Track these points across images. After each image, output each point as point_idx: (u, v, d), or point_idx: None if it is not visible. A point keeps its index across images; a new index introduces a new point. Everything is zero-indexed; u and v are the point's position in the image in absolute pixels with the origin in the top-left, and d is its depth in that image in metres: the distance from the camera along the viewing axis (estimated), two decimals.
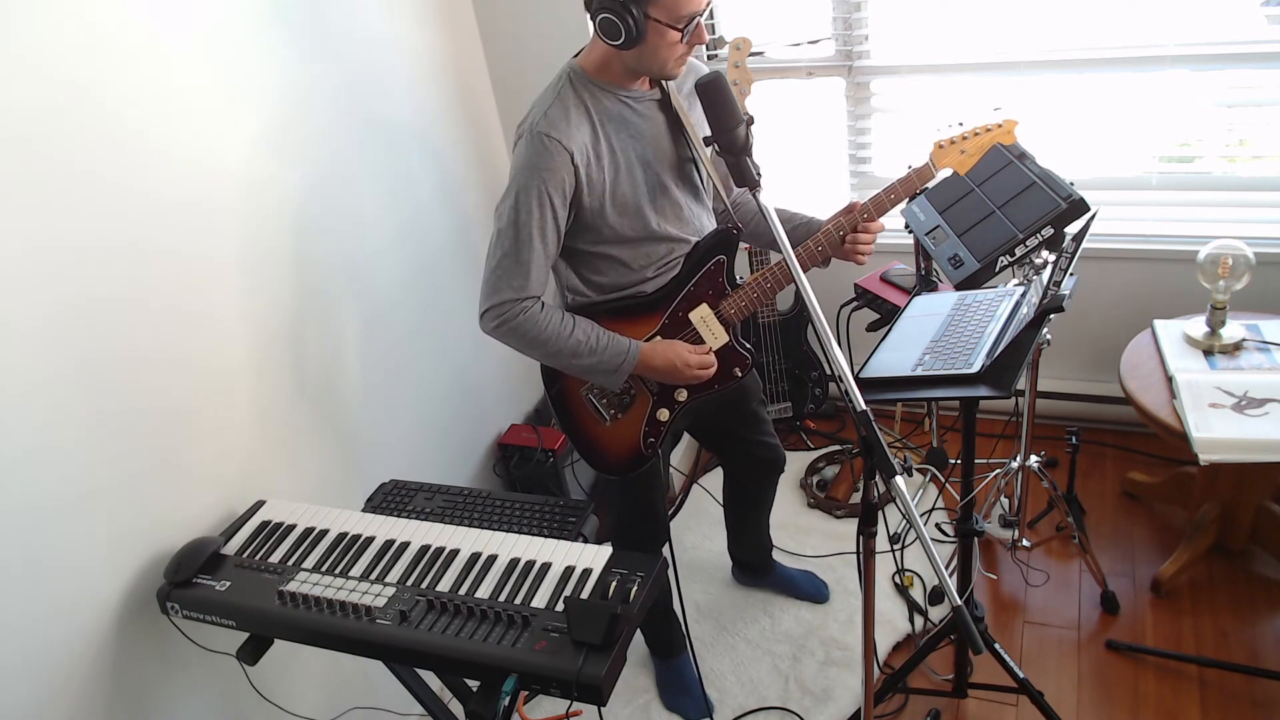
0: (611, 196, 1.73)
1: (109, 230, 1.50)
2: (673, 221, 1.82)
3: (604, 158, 1.70)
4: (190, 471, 1.68)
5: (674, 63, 1.65)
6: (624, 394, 1.88)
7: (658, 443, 1.91)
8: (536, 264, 1.70)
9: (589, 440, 1.93)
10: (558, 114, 1.66)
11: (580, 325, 1.76)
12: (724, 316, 1.86)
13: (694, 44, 1.64)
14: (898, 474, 1.31)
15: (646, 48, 1.61)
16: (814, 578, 2.59)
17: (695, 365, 1.81)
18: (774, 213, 1.44)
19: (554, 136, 1.64)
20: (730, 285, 1.87)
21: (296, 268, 1.92)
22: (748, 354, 1.91)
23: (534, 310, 1.72)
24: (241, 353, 1.78)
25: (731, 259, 1.86)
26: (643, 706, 2.36)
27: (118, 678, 1.55)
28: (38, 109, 1.38)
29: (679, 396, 1.89)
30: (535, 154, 1.64)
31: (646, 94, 1.75)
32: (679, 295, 1.85)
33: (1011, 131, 1.84)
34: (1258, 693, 2.15)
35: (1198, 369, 2.22)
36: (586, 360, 1.76)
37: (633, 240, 1.79)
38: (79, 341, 1.45)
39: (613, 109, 1.72)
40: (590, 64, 1.71)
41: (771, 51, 2.94)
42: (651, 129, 1.76)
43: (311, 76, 1.94)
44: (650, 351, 1.79)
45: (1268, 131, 2.64)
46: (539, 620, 1.38)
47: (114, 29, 1.50)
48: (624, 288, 1.84)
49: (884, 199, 1.80)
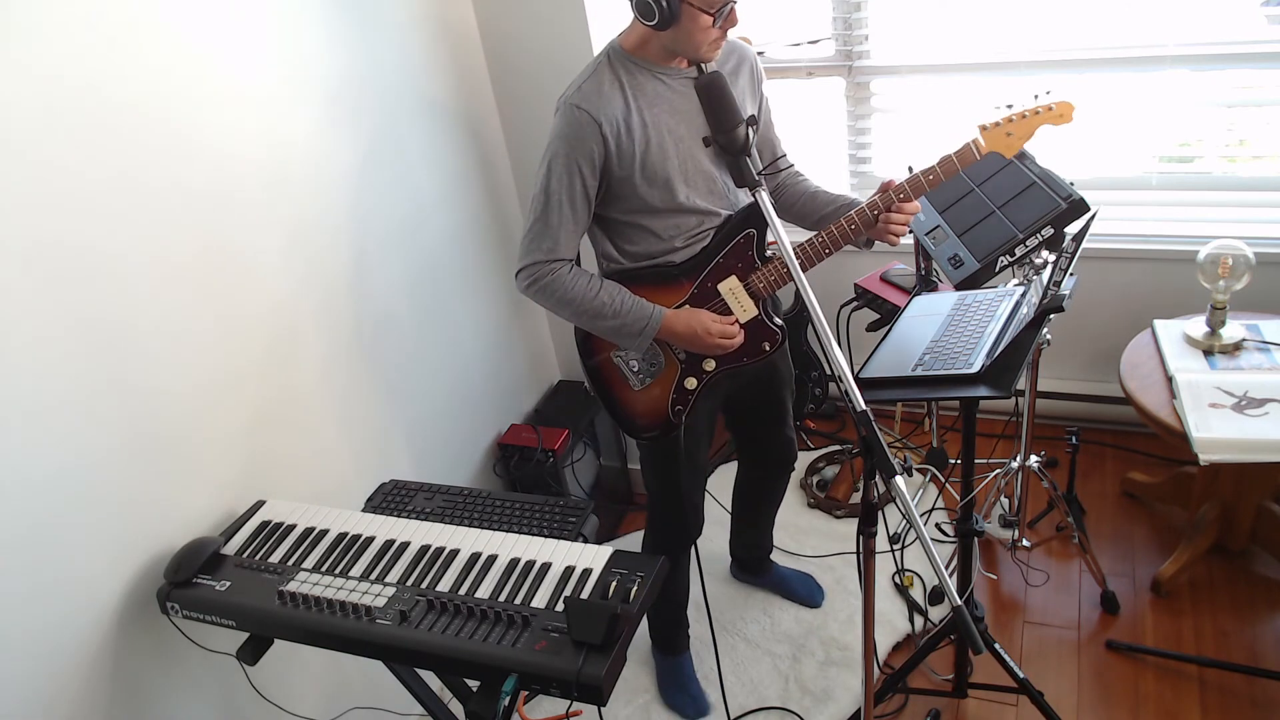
0: (641, 168, 1.78)
1: (110, 229, 1.50)
2: (703, 195, 1.85)
3: (635, 130, 1.76)
4: (190, 471, 1.68)
5: (708, 46, 1.69)
6: (653, 360, 1.93)
7: (685, 411, 1.94)
8: (565, 229, 1.78)
9: (619, 402, 1.99)
10: (591, 87, 1.74)
11: (607, 288, 1.83)
12: (753, 290, 1.88)
13: (727, 28, 1.68)
14: (898, 474, 1.31)
15: (681, 30, 1.66)
16: (810, 581, 2.59)
17: (717, 334, 1.84)
18: (773, 211, 1.44)
19: (584, 108, 1.72)
20: (760, 259, 1.88)
21: (297, 268, 1.92)
22: (779, 330, 1.92)
23: (563, 272, 1.80)
24: (242, 352, 1.78)
25: (762, 233, 1.87)
26: (643, 706, 2.36)
27: (118, 678, 1.55)
28: (48, 105, 1.38)
29: (707, 366, 1.92)
30: (566, 124, 1.73)
31: (684, 71, 1.80)
32: (708, 266, 1.88)
33: (1066, 116, 1.75)
34: (1258, 693, 2.15)
35: (1198, 369, 2.22)
36: (610, 322, 1.83)
37: (662, 211, 1.84)
38: (80, 341, 1.45)
39: (647, 85, 1.77)
40: (629, 43, 1.78)
41: (771, 51, 2.94)
42: (687, 105, 1.79)
43: (314, 75, 1.94)
44: (674, 318, 1.84)
45: (1268, 131, 2.64)
46: (539, 620, 1.38)
47: (128, 24, 1.51)
48: (654, 256, 1.88)
49: (921, 180, 1.78)
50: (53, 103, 1.40)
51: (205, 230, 1.69)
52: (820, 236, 1.82)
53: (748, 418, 2.27)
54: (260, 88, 1.81)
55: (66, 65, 1.42)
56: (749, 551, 2.59)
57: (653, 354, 1.92)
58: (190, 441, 1.68)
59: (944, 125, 2.86)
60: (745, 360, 1.91)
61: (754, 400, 2.19)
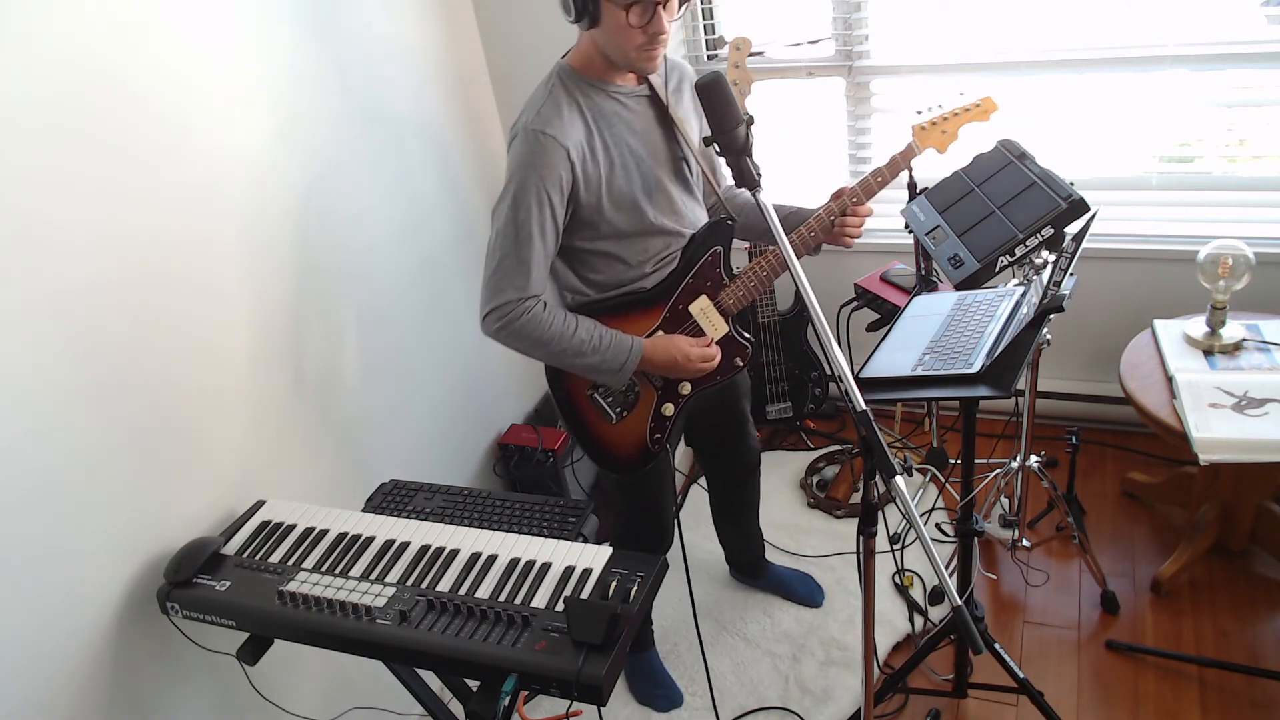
0: (608, 191, 1.74)
1: (110, 230, 1.50)
2: (668, 215, 1.84)
3: (599, 153, 1.72)
4: (190, 471, 1.68)
5: (635, 51, 1.65)
6: (629, 391, 1.89)
7: (664, 438, 1.92)
8: (538, 263, 1.70)
9: (597, 440, 1.93)
10: (551, 111, 1.68)
11: (583, 324, 1.77)
12: (723, 307, 1.87)
13: (653, 33, 1.63)
14: (898, 474, 1.31)
15: (604, 31, 1.63)
16: (809, 581, 2.59)
17: (698, 359, 1.82)
18: (773, 211, 1.44)
19: (549, 133, 1.65)
20: (728, 276, 1.88)
21: (297, 267, 1.92)
22: (747, 343, 1.92)
23: (537, 310, 1.72)
24: (242, 352, 1.78)
25: (728, 250, 1.88)
26: (642, 706, 2.36)
27: (118, 678, 1.55)
28: (60, 92, 1.38)
29: (683, 390, 1.90)
30: (531, 152, 1.65)
31: (635, 89, 1.78)
32: (678, 288, 1.86)
33: (989, 112, 1.91)
34: (1258, 693, 2.15)
35: (1198, 369, 2.22)
36: (590, 359, 1.76)
37: (630, 235, 1.80)
38: (80, 343, 1.45)
39: (604, 105, 1.74)
40: (577, 61, 1.74)
41: (771, 51, 2.94)
42: (643, 124, 1.78)
43: (317, 74, 1.94)
44: (653, 348, 1.80)
45: (1268, 131, 2.64)
46: (539, 620, 1.38)
47: (135, 20, 1.51)
48: (623, 284, 1.85)
49: (871, 182, 1.86)
50: (50, 100, 1.40)
51: (204, 230, 1.69)
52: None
53: (711, 434, 2.26)
54: (260, 88, 1.81)
55: (61, 62, 1.42)
56: (742, 554, 2.59)
57: (629, 385, 1.88)
58: (190, 441, 1.68)
59: None
60: (719, 378, 1.91)
61: (716, 416, 2.18)
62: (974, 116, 1.92)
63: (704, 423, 2.20)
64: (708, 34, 3.01)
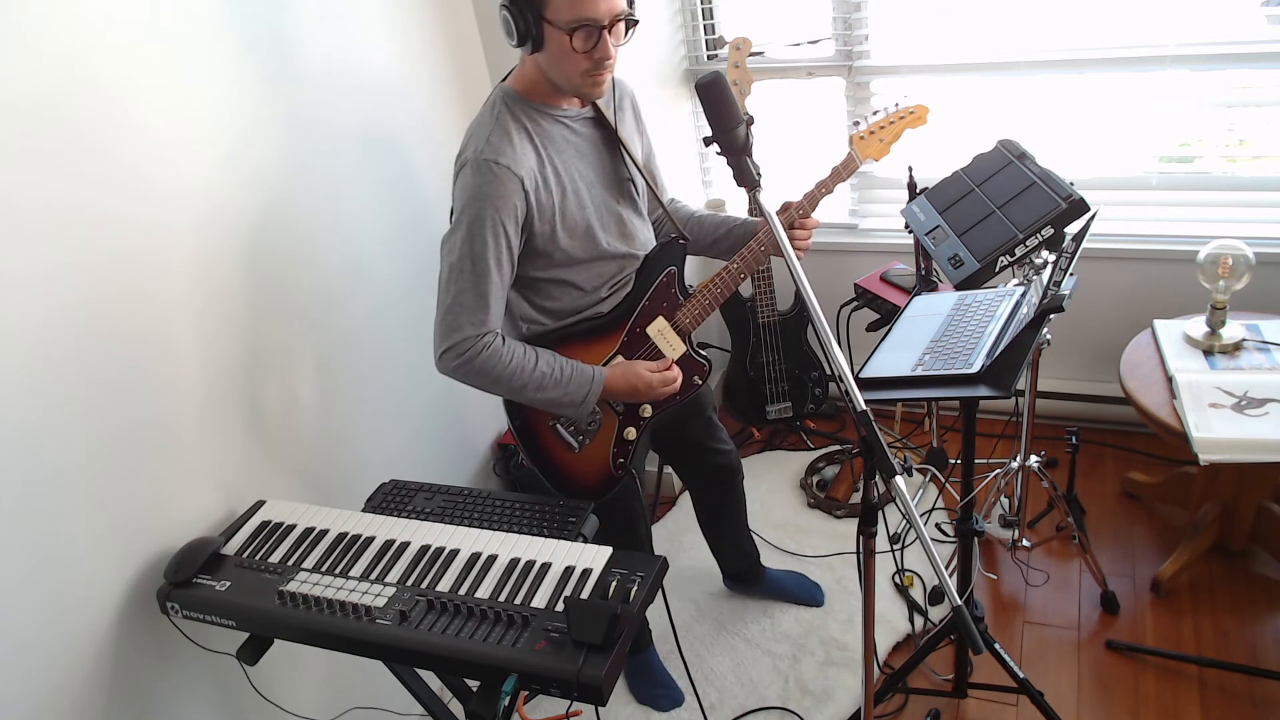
0: (561, 219, 1.72)
1: (111, 230, 1.50)
2: (620, 238, 1.83)
3: (551, 181, 1.69)
4: (190, 471, 1.68)
5: (580, 77, 1.62)
6: (590, 419, 1.88)
7: (628, 462, 1.92)
8: (495, 296, 1.66)
9: (559, 469, 1.91)
10: (501, 139, 1.63)
11: (543, 357, 1.74)
12: (680, 327, 1.88)
13: (598, 58, 1.59)
14: (898, 474, 1.31)
15: (548, 56, 1.61)
16: (805, 581, 2.58)
17: (659, 383, 1.82)
18: (774, 214, 1.44)
19: (502, 163, 1.61)
20: (683, 295, 1.89)
21: (298, 266, 1.92)
22: (705, 361, 1.93)
23: (496, 345, 1.68)
24: (242, 352, 1.78)
25: (681, 269, 1.89)
26: (643, 706, 2.36)
27: (118, 678, 1.55)
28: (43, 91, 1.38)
29: (644, 413, 1.90)
30: (485, 182, 1.61)
31: (580, 112, 1.76)
32: (635, 311, 1.86)
33: (923, 116, 2.00)
34: (1258, 693, 2.15)
35: (1198, 369, 2.22)
36: (552, 393, 1.73)
37: (584, 261, 1.79)
38: (80, 342, 1.45)
39: (551, 130, 1.71)
40: (520, 84, 1.71)
41: (771, 51, 2.94)
42: (590, 147, 1.77)
43: (319, 71, 1.94)
44: (614, 376, 1.79)
45: (1268, 131, 2.64)
46: (539, 620, 1.38)
47: (119, 20, 1.50)
48: (579, 310, 1.83)
49: (816, 193, 1.89)
50: (40, 99, 1.40)
51: (204, 228, 1.69)
52: (735, 263, 1.87)
53: (679, 443, 2.23)
54: (260, 87, 1.81)
55: (57, 61, 1.42)
56: (735, 563, 2.55)
57: (591, 413, 1.87)
58: (190, 441, 1.68)
59: (944, 125, 2.86)
60: (679, 399, 1.91)
61: (681, 427, 2.17)
62: (909, 123, 1.99)
63: (673, 436, 2.17)
64: (708, 34, 3.01)
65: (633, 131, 1.89)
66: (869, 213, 3.08)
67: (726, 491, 2.37)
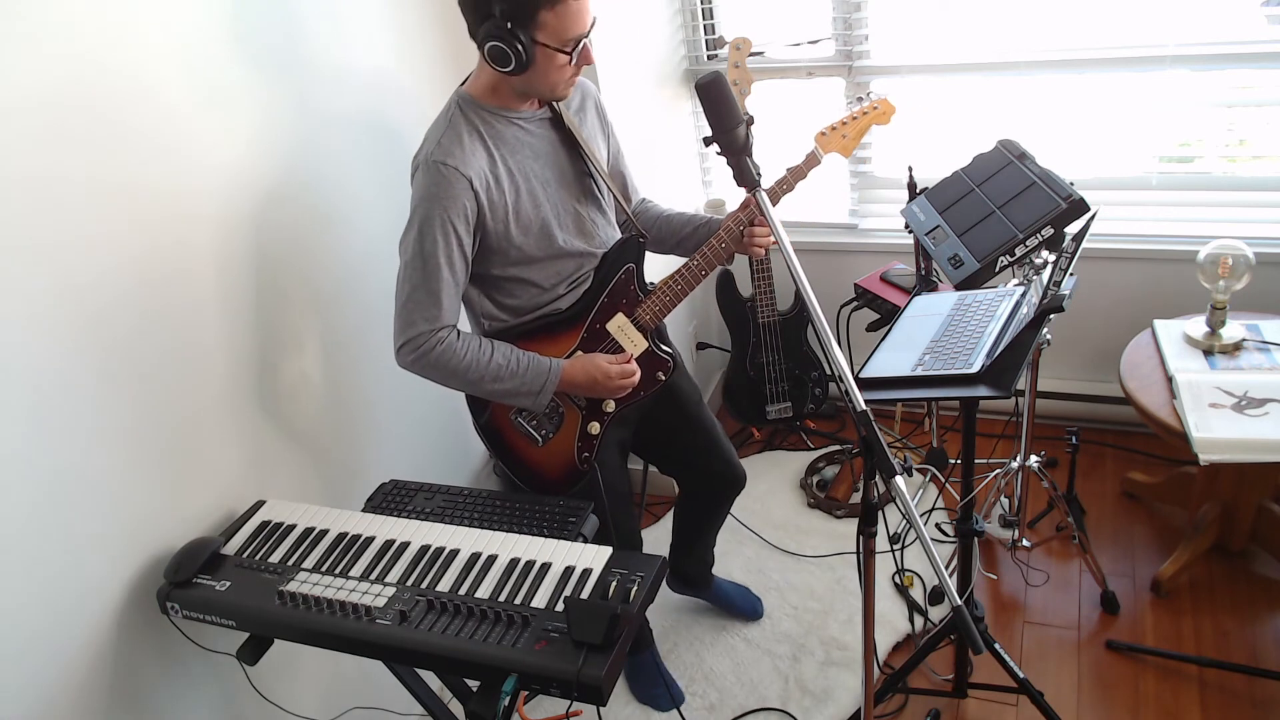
0: (515, 218, 1.74)
1: (111, 232, 1.50)
2: (578, 236, 1.84)
3: (503, 180, 1.72)
4: (190, 471, 1.68)
5: (564, 85, 1.69)
6: (552, 413, 1.89)
7: (592, 456, 1.93)
8: (447, 293, 1.70)
9: (525, 463, 1.93)
10: (451, 142, 1.67)
11: (499, 349, 1.77)
12: (640, 323, 1.89)
13: (582, 65, 1.67)
14: (898, 474, 1.31)
15: (536, 72, 1.63)
16: (749, 594, 2.57)
17: (616, 375, 1.83)
18: (773, 211, 1.44)
19: (450, 164, 1.65)
20: (642, 291, 1.90)
21: (298, 266, 1.92)
22: (669, 357, 1.94)
23: (450, 339, 1.72)
24: (242, 352, 1.78)
25: (640, 266, 1.90)
26: (643, 706, 2.36)
27: (118, 678, 1.55)
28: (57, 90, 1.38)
29: (606, 408, 1.91)
30: (434, 183, 1.65)
31: (537, 113, 1.78)
32: (593, 308, 1.87)
33: (888, 113, 2.01)
34: (1258, 693, 2.15)
35: (1198, 369, 2.22)
36: (508, 384, 1.76)
37: (541, 259, 1.81)
38: (80, 343, 1.45)
39: (505, 132, 1.74)
40: (478, 90, 1.73)
41: (771, 51, 2.94)
42: (547, 147, 1.79)
43: (322, 71, 1.94)
44: (571, 368, 1.81)
45: (1268, 131, 2.64)
46: (539, 620, 1.38)
47: (130, 16, 1.51)
48: (538, 308, 1.85)
49: (776, 190, 1.91)
50: (49, 97, 1.40)
51: (204, 230, 1.69)
52: (696, 260, 1.87)
53: (671, 443, 2.19)
54: (259, 88, 1.81)
55: (62, 61, 1.42)
56: (694, 566, 2.51)
57: (552, 407, 1.88)
58: (190, 441, 1.68)
59: (944, 125, 2.86)
60: (642, 394, 1.91)
61: (668, 425, 2.13)
62: (873, 119, 2.01)
63: (653, 430, 2.13)
64: (708, 34, 3.01)
65: (595, 132, 1.91)
66: (869, 213, 3.08)
67: (724, 502, 2.36)
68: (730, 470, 2.25)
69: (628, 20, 2.59)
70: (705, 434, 2.19)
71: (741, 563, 2.72)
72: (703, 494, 2.33)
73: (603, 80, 2.39)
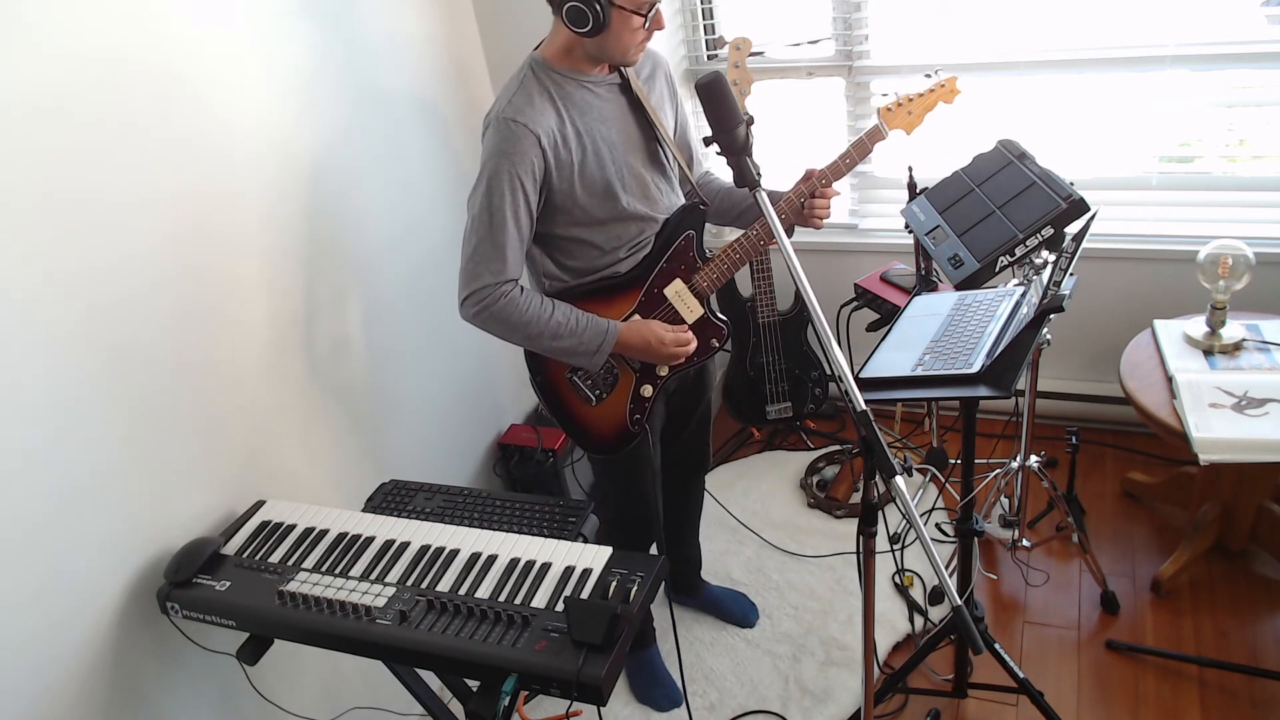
0: (580, 177, 1.77)
1: (112, 231, 1.50)
2: (641, 200, 1.86)
3: (570, 140, 1.74)
4: (190, 471, 1.68)
5: (635, 49, 1.73)
6: (607, 374, 1.92)
7: (644, 419, 1.94)
8: (512, 247, 1.73)
9: (578, 421, 1.96)
10: (522, 100, 1.71)
11: (560, 308, 1.80)
12: (697, 290, 1.90)
13: (654, 29, 1.71)
14: (898, 474, 1.31)
15: (611, 34, 1.67)
16: (744, 600, 2.56)
17: (672, 343, 1.85)
18: (772, 210, 1.44)
19: (520, 121, 1.68)
20: (701, 259, 1.91)
21: (298, 269, 1.92)
22: (723, 324, 1.95)
23: (514, 294, 1.75)
24: (241, 353, 1.78)
25: (700, 233, 1.91)
26: (643, 706, 2.36)
27: (118, 677, 1.56)
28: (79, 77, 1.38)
29: (660, 372, 1.93)
30: (503, 139, 1.69)
31: (607, 78, 1.80)
32: (652, 273, 1.89)
33: (954, 94, 1.97)
34: (1258, 693, 2.15)
35: (1198, 369, 2.22)
36: (567, 342, 1.79)
37: (604, 221, 1.83)
38: (81, 342, 1.45)
39: (576, 94, 1.76)
40: (551, 54, 1.76)
41: (771, 51, 2.94)
42: (616, 111, 1.81)
43: (324, 71, 1.94)
44: (628, 331, 1.83)
45: (1268, 131, 2.64)
46: (539, 620, 1.38)
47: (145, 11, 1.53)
48: (598, 270, 1.87)
49: (840, 164, 1.91)
50: (65, 91, 1.40)
51: (205, 230, 1.69)
52: (754, 230, 1.88)
53: (677, 419, 2.20)
54: (260, 87, 1.81)
55: (84, 48, 1.42)
56: (676, 566, 2.50)
57: (607, 368, 1.91)
58: (190, 442, 1.68)
59: (944, 125, 2.86)
60: (696, 359, 1.93)
61: (686, 400, 2.16)
62: (939, 97, 1.97)
63: (677, 402, 2.15)
64: (708, 34, 3.01)
65: (664, 100, 1.92)
66: (869, 213, 3.08)
67: (691, 482, 2.36)
68: (703, 453, 2.31)
69: None
70: (704, 414, 2.24)
71: (741, 563, 2.72)
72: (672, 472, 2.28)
73: None
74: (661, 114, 1.89)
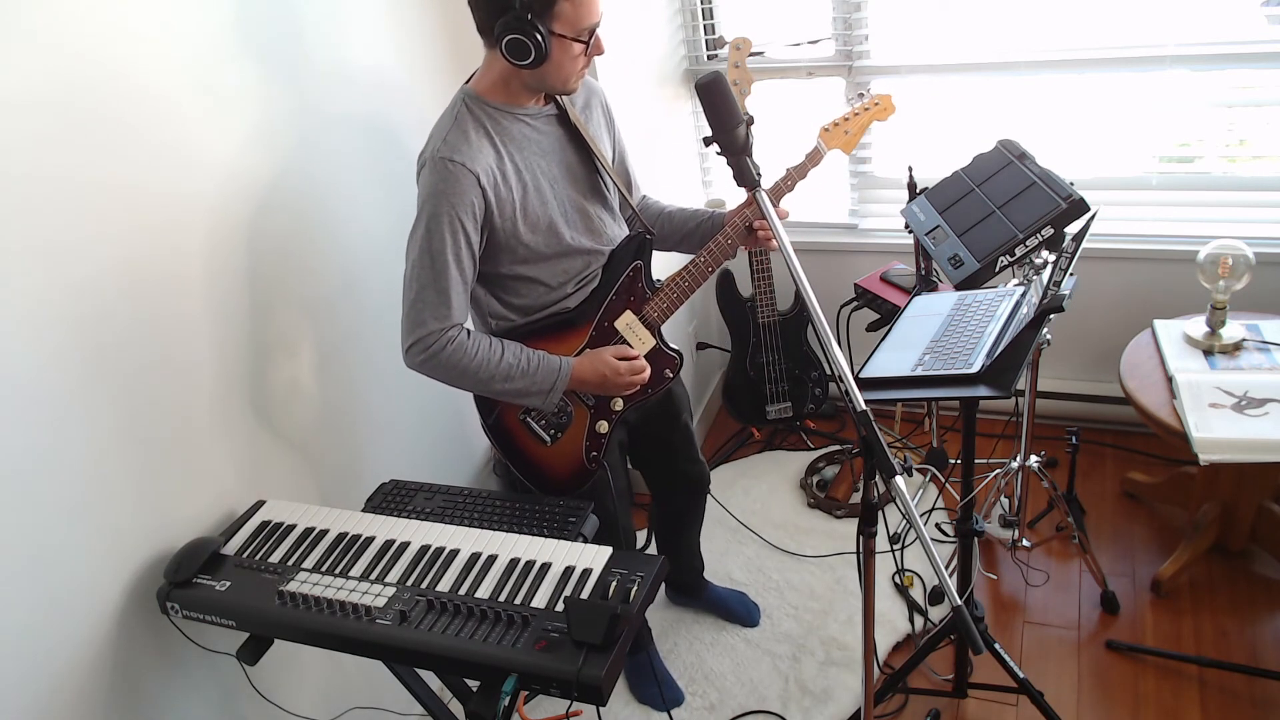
0: (523, 214, 1.73)
1: (111, 232, 1.50)
2: (585, 233, 1.84)
3: (510, 177, 1.71)
4: (190, 471, 1.68)
5: (575, 77, 1.69)
6: (560, 413, 1.89)
7: (600, 455, 1.92)
8: (456, 291, 1.69)
9: (533, 463, 1.92)
10: (458, 138, 1.66)
11: (509, 348, 1.76)
12: (648, 320, 1.89)
13: (593, 55, 1.68)
14: (898, 474, 1.31)
15: (551, 64, 1.63)
16: (746, 599, 2.56)
17: (627, 371, 1.82)
18: (771, 209, 1.44)
19: (457, 160, 1.64)
20: (650, 289, 1.90)
21: (299, 265, 1.92)
22: (676, 354, 1.94)
23: (460, 338, 1.71)
24: (242, 353, 1.78)
25: (648, 264, 1.90)
26: (643, 706, 2.36)
27: (118, 678, 1.55)
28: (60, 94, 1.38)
29: (615, 406, 1.91)
30: (440, 180, 1.64)
31: (542, 110, 1.77)
32: (602, 306, 1.87)
33: (888, 107, 2.04)
34: (1258, 693, 2.15)
35: (1198, 369, 2.22)
36: (519, 383, 1.75)
37: (549, 257, 1.80)
38: (81, 343, 1.45)
39: (513, 129, 1.73)
40: (485, 88, 1.72)
41: (771, 51, 2.94)
42: (554, 144, 1.78)
43: (323, 73, 1.94)
44: (581, 365, 1.80)
45: (1268, 131, 2.64)
46: (539, 620, 1.38)
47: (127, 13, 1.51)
48: (546, 306, 1.84)
49: (782, 185, 1.93)
50: (53, 94, 1.40)
51: (201, 231, 1.69)
52: (702, 256, 1.88)
53: (656, 448, 2.21)
54: (259, 87, 1.81)
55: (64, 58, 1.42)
56: (684, 575, 2.53)
57: (560, 406, 1.87)
58: (190, 441, 1.68)
59: (944, 125, 2.86)
60: (651, 391, 1.91)
61: (659, 430, 2.15)
62: (873, 115, 2.03)
63: (646, 433, 2.14)
64: (708, 34, 3.01)
65: (601, 129, 1.90)
66: (869, 213, 3.08)
67: (694, 504, 2.37)
68: (699, 470, 2.29)
69: (628, 20, 2.59)
70: (684, 438, 2.21)
71: (741, 563, 2.72)
72: (671, 496, 2.34)
73: (603, 80, 2.38)
74: (600, 144, 1.87)
